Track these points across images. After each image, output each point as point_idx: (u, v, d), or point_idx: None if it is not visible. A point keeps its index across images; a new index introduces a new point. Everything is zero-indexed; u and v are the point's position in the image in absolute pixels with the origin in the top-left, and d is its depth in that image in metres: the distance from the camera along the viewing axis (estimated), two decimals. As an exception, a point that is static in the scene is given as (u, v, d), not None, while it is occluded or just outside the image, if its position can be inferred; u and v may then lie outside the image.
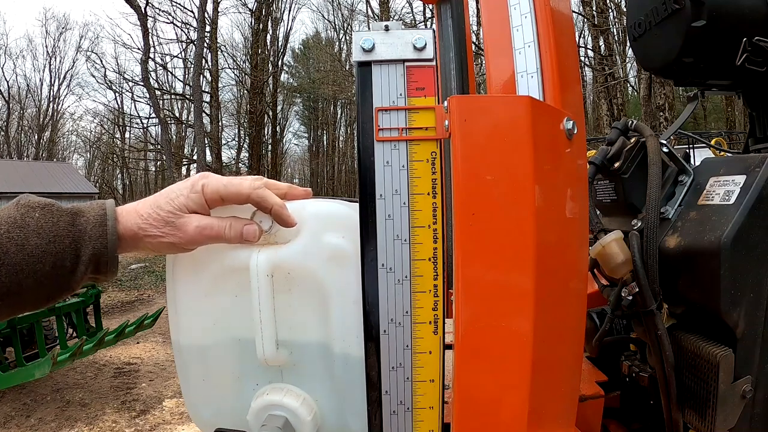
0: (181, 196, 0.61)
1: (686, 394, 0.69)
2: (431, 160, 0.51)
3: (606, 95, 15.31)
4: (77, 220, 0.56)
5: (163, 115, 21.50)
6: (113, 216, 0.58)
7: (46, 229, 0.53)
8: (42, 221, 0.53)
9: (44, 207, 0.55)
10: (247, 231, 0.61)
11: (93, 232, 0.56)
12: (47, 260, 0.53)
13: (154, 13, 20.76)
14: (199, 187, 0.61)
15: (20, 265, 0.51)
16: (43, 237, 0.53)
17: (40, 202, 0.56)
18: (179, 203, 0.60)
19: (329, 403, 0.64)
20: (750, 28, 0.83)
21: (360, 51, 0.51)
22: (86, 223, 0.56)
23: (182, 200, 0.60)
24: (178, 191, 0.61)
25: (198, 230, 0.60)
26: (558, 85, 0.62)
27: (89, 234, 0.55)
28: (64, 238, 0.54)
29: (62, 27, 31.85)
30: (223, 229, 0.60)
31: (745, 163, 0.69)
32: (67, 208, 0.57)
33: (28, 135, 30.97)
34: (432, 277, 0.51)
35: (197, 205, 0.61)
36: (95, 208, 0.58)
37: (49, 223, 0.54)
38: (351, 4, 27.08)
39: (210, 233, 0.60)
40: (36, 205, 0.55)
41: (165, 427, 4.26)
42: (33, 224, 0.53)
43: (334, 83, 24.93)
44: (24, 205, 0.55)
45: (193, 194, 0.61)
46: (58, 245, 0.53)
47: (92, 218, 0.56)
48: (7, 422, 4.35)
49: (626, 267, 0.70)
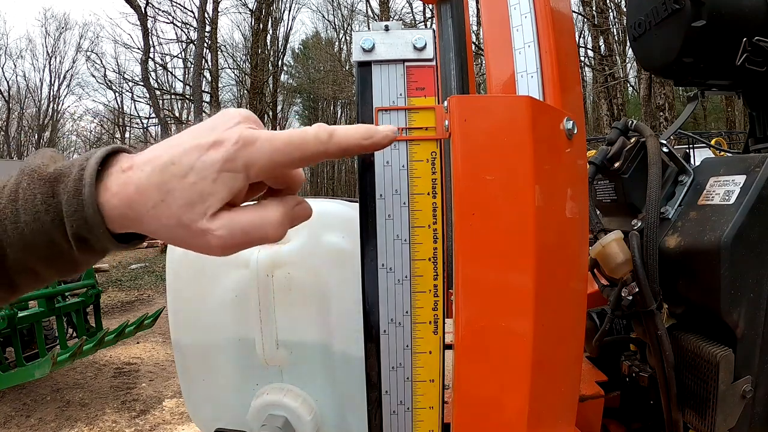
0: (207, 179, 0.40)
1: (686, 394, 0.69)
2: (431, 160, 0.51)
3: (606, 95, 15.31)
4: (56, 189, 0.41)
5: (163, 115, 21.50)
6: (91, 180, 0.40)
7: (29, 201, 0.41)
8: (27, 193, 0.41)
9: (30, 174, 0.42)
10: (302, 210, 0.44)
11: (68, 206, 0.40)
12: (40, 240, 0.41)
13: (154, 13, 20.77)
14: (241, 164, 0.40)
15: (19, 245, 0.41)
16: (29, 212, 0.41)
17: (30, 167, 0.43)
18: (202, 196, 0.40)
19: (329, 403, 0.64)
20: (750, 28, 0.83)
21: (360, 51, 0.51)
22: (63, 192, 0.41)
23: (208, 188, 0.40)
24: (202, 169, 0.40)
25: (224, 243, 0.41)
26: (558, 85, 0.62)
27: (65, 209, 0.40)
28: (44, 214, 0.41)
29: (62, 27, 31.84)
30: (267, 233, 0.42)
31: (745, 163, 0.69)
32: (49, 173, 0.42)
33: (28, 135, 30.98)
34: (432, 277, 0.51)
35: (230, 190, 0.40)
36: (76, 168, 0.41)
37: (31, 196, 0.41)
38: (351, 4, 27.08)
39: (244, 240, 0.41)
40: (27, 172, 0.42)
41: (165, 427, 4.26)
42: (21, 197, 0.41)
43: (334, 83, 24.93)
44: (21, 172, 0.43)
45: (226, 175, 0.40)
46: (41, 223, 0.41)
47: (69, 185, 0.40)
48: (7, 422, 4.35)
49: (626, 267, 0.70)
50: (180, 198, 0.40)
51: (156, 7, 20.75)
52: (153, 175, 0.40)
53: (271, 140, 0.41)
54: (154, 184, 0.40)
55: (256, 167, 0.41)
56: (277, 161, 0.41)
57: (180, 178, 0.40)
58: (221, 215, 0.40)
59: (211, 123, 0.43)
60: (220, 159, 0.40)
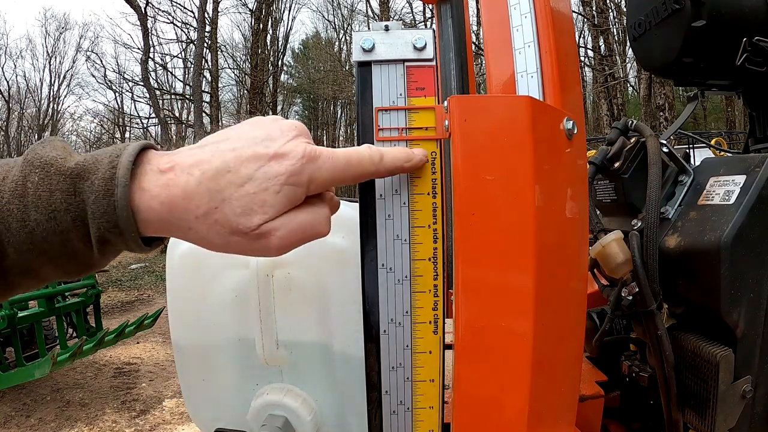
0: (269, 190, 0.39)
1: (686, 394, 0.69)
2: (431, 160, 0.51)
3: (606, 95, 15.31)
4: (79, 186, 0.39)
5: (163, 115, 21.50)
6: (126, 179, 0.38)
7: (43, 199, 0.38)
8: (40, 189, 0.38)
9: (44, 167, 0.39)
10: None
11: (96, 207, 0.38)
12: (53, 240, 0.39)
13: (154, 13, 20.78)
14: (305, 179, 0.41)
15: (25, 245, 0.39)
16: (41, 211, 0.38)
17: (42, 159, 0.39)
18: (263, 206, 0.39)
19: (329, 403, 0.64)
20: (750, 28, 0.83)
21: (360, 51, 0.51)
22: (89, 191, 0.38)
23: (269, 199, 0.39)
24: (264, 180, 0.39)
25: (282, 242, 0.41)
26: (558, 85, 0.62)
27: (91, 209, 0.38)
28: (63, 213, 0.38)
29: (62, 27, 31.86)
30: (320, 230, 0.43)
31: (745, 163, 0.69)
32: (70, 167, 0.39)
33: (28, 135, 30.99)
34: (432, 277, 0.51)
35: (290, 203, 0.41)
36: (105, 165, 0.39)
37: (46, 193, 0.38)
38: (351, 4, 27.09)
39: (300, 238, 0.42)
40: (37, 165, 0.39)
41: (165, 427, 4.26)
42: (32, 193, 0.38)
43: (334, 83, 24.94)
44: (28, 163, 0.40)
45: (289, 188, 0.40)
46: (58, 223, 0.38)
47: (97, 184, 0.38)
48: (7, 422, 4.35)
49: (626, 267, 0.70)
50: (237, 207, 0.39)
51: (156, 7, 20.77)
52: (204, 181, 0.39)
53: (332, 158, 0.42)
54: (205, 191, 0.39)
55: (316, 182, 0.42)
56: (335, 178, 0.43)
57: (237, 186, 0.39)
58: (278, 217, 0.40)
59: (264, 132, 0.42)
60: (285, 172, 0.40)
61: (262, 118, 0.45)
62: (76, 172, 0.39)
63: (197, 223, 0.39)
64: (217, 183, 0.39)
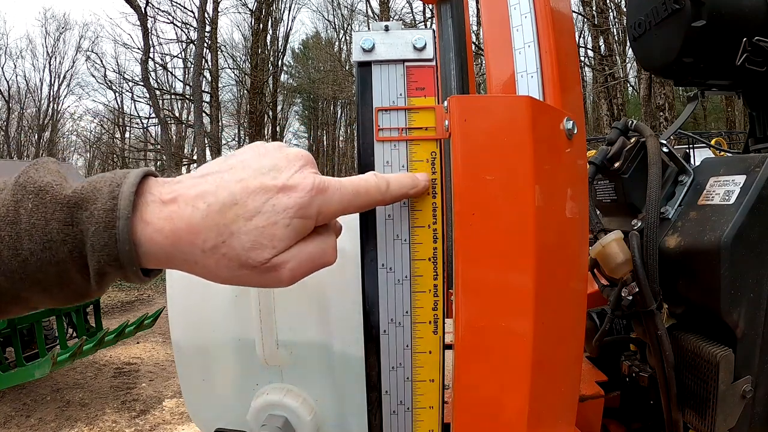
0: (278, 224, 0.39)
1: (686, 394, 0.69)
2: (431, 160, 0.51)
3: (606, 95, 15.31)
4: (77, 216, 0.37)
5: (163, 115, 21.50)
6: (128, 211, 0.36)
7: (38, 228, 0.36)
8: (34, 217, 0.36)
9: (38, 193, 0.37)
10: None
11: (96, 240, 0.36)
12: (49, 270, 0.37)
13: (154, 13, 20.78)
14: (314, 211, 0.40)
15: (18, 273, 0.37)
16: (36, 241, 0.36)
17: (36, 184, 0.37)
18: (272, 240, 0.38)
19: (329, 403, 0.64)
20: (750, 28, 0.83)
21: (360, 51, 0.51)
22: (88, 222, 0.37)
23: (279, 233, 0.39)
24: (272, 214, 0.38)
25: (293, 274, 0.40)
26: (558, 85, 0.62)
27: (90, 242, 0.36)
28: (60, 244, 0.36)
29: (62, 27, 31.86)
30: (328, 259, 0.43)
31: (745, 163, 0.69)
32: (67, 195, 0.37)
33: (28, 135, 30.99)
34: (432, 277, 0.51)
35: (299, 235, 0.40)
36: (105, 195, 0.37)
37: (41, 221, 0.36)
38: (351, 4, 27.09)
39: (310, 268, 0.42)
40: (31, 190, 0.37)
41: (165, 427, 4.26)
42: (25, 220, 0.36)
43: (334, 83, 24.94)
44: (21, 187, 0.37)
45: (298, 221, 0.39)
46: (54, 254, 0.37)
47: (96, 215, 0.36)
48: (7, 422, 4.35)
49: (626, 267, 0.70)
50: (247, 241, 0.38)
51: (156, 7, 20.77)
52: (211, 214, 0.38)
53: (340, 189, 0.42)
54: (212, 225, 0.37)
55: (325, 214, 0.41)
56: (343, 209, 0.43)
57: (245, 220, 0.38)
58: (288, 250, 0.40)
59: (270, 161, 0.41)
60: (294, 205, 0.39)
61: (266, 144, 0.44)
62: (73, 201, 0.37)
63: (204, 257, 0.38)
64: (224, 216, 0.38)
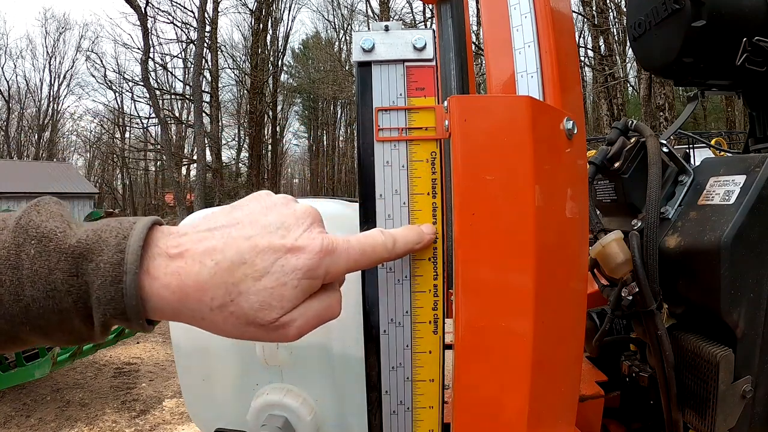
0: (287, 285, 0.39)
1: (686, 394, 0.69)
2: (431, 160, 0.51)
3: (606, 95, 15.32)
4: (82, 267, 0.36)
5: (163, 115, 21.50)
6: (135, 267, 0.36)
7: (41, 275, 0.36)
8: (37, 264, 0.36)
9: (41, 240, 0.37)
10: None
11: (102, 293, 0.36)
12: (51, 317, 0.37)
13: (154, 13, 20.79)
14: (322, 272, 0.40)
15: (19, 317, 0.36)
16: (38, 288, 0.36)
17: (39, 229, 0.37)
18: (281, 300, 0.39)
19: (329, 403, 0.64)
20: (750, 28, 0.83)
21: (360, 51, 0.51)
22: (94, 274, 0.36)
23: (287, 293, 0.39)
24: (281, 275, 0.39)
25: (301, 331, 0.41)
26: (558, 85, 0.62)
27: (96, 294, 0.36)
28: (64, 294, 0.36)
29: (62, 27, 31.88)
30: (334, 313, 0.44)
31: (745, 163, 0.69)
32: (72, 245, 0.37)
33: (28, 135, 31.00)
34: (432, 277, 0.51)
35: (306, 294, 0.41)
36: (111, 247, 0.37)
37: (44, 269, 0.36)
38: (351, 4, 27.10)
39: (317, 323, 0.42)
40: (33, 235, 0.37)
41: (165, 427, 4.26)
42: (27, 266, 0.36)
43: (334, 83, 24.95)
44: (22, 230, 0.37)
45: (306, 282, 0.40)
46: (57, 302, 0.36)
47: (103, 268, 0.36)
48: (7, 422, 4.35)
49: (626, 267, 0.70)
50: (255, 301, 0.38)
51: (156, 7, 20.79)
52: (219, 273, 0.37)
53: (347, 250, 0.42)
54: (220, 283, 0.37)
55: (332, 274, 0.41)
56: (350, 268, 0.43)
57: (254, 280, 0.38)
58: (295, 308, 0.40)
59: (278, 217, 0.41)
60: (303, 267, 0.39)
61: (272, 196, 0.44)
62: (78, 252, 0.36)
63: (211, 315, 0.38)
64: (232, 275, 0.38)
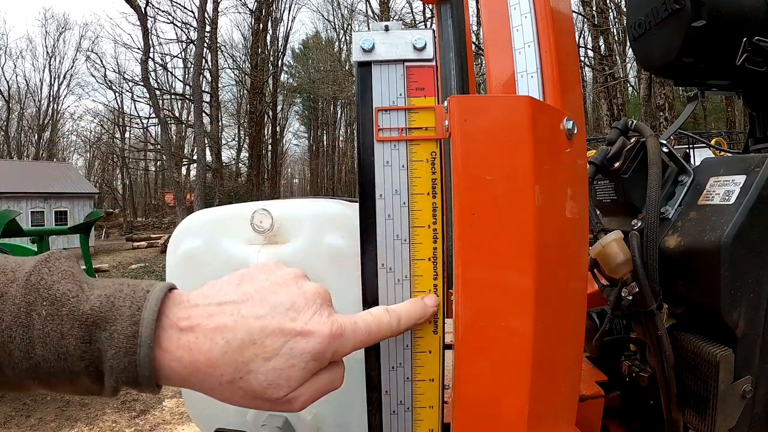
0: (295, 367, 0.40)
1: (686, 394, 0.69)
2: (431, 160, 0.51)
3: (606, 95, 15.31)
4: (95, 335, 0.37)
5: (163, 115, 21.50)
6: (149, 340, 0.37)
7: (53, 338, 0.37)
8: (49, 326, 0.37)
9: (53, 302, 0.37)
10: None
11: (116, 363, 0.37)
12: (61, 376, 0.38)
13: (154, 13, 20.79)
14: (329, 355, 0.42)
15: (28, 373, 0.37)
16: (50, 350, 0.37)
17: (51, 291, 0.38)
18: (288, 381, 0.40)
19: (329, 403, 0.64)
20: (750, 28, 0.83)
21: (360, 51, 0.51)
22: (108, 343, 0.37)
23: (295, 374, 0.41)
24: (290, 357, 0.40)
25: (305, 405, 0.43)
26: (558, 85, 0.62)
27: (109, 363, 0.37)
28: (76, 359, 0.37)
29: (62, 27, 31.89)
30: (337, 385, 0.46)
31: (745, 163, 0.69)
32: (85, 312, 0.37)
33: (28, 135, 31.00)
34: (432, 277, 0.51)
35: (312, 373, 0.42)
36: (125, 318, 0.38)
37: (56, 333, 0.37)
38: (351, 4, 27.10)
39: (320, 396, 0.44)
40: (45, 297, 0.37)
41: (165, 427, 4.26)
42: (38, 326, 0.37)
43: (334, 83, 24.95)
44: (33, 288, 0.38)
45: (314, 363, 0.41)
46: (69, 365, 0.37)
47: (117, 338, 0.37)
48: (7, 422, 4.35)
49: (626, 267, 0.70)
50: (264, 380, 0.40)
51: (156, 7, 20.79)
52: (229, 351, 0.39)
53: (354, 332, 0.44)
54: (230, 361, 0.39)
55: (339, 354, 0.43)
56: (357, 348, 0.45)
57: (264, 360, 0.40)
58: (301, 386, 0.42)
59: (288, 297, 0.42)
60: (311, 351, 0.41)
61: (282, 273, 0.45)
62: (92, 320, 0.37)
63: (221, 388, 0.40)
64: (242, 354, 0.39)
